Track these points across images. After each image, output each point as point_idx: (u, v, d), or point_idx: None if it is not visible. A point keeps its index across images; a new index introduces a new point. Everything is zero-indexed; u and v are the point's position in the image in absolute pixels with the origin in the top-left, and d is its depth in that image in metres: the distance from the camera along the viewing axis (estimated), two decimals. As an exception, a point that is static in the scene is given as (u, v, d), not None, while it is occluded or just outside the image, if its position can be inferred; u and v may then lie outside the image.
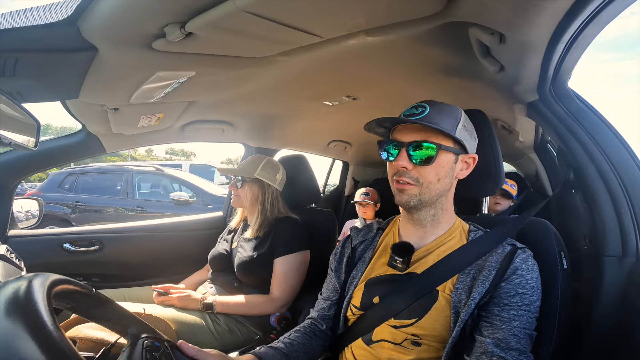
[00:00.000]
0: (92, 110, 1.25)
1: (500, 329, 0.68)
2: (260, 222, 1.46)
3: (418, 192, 0.77)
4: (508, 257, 0.74)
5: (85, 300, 0.52)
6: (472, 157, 0.82)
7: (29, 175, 1.60)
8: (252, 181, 1.50)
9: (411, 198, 0.77)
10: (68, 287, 0.47)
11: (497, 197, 2.00)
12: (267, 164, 1.51)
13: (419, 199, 0.77)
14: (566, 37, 0.76)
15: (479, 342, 0.69)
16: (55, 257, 1.63)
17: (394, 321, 0.77)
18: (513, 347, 0.67)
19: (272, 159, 1.57)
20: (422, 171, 0.76)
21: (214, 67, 1.04)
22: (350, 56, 1.03)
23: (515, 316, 0.69)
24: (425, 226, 0.82)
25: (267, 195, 1.49)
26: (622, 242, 0.83)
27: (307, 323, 0.94)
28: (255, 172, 1.46)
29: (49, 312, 0.38)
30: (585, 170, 0.90)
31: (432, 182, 0.76)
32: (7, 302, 0.37)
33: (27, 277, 0.42)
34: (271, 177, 1.50)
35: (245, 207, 1.54)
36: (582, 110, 0.97)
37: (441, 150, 0.74)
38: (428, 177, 0.76)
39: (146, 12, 0.72)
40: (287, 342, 0.86)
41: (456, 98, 1.32)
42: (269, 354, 0.79)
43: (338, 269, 0.93)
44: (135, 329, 0.59)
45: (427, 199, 0.77)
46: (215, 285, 1.50)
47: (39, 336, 0.35)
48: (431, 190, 0.77)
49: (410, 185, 0.76)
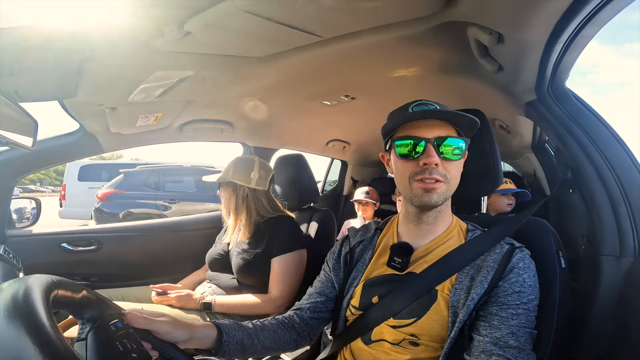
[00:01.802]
0: (89, 109, 1.25)
1: (498, 328, 0.68)
2: (248, 224, 1.45)
3: (446, 189, 0.75)
4: (506, 257, 0.74)
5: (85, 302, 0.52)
6: (466, 154, 0.81)
7: (27, 174, 1.59)
8: (226, 185, 1.48)
9: (440, 197, 0.74)
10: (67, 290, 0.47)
11: (510, 196, 1.99)
12: (239, 164, 1.48)
13: (446, 197, 0.76)
14: (564, 37, 0.77)
15: (477, 341, 0.69)
16: (53, 256, 1.63)
17: (393, 321, 0.77)
18: (512, 345, 0.67)
19: (245, 158, 1.53)
20: (449, 167, 0.74)
21: (213, 67, 1.04)
22: (349, 56, 1.03)
23: (514, 315, 0.69)
24: (429, 224, 0.82)
25: (241, 197, 1.46)
26: (619, 242, 0.83)
27: (288, 314, 0.92)
28: (228, 176, 1.45)
29: (47, 313, 0.38)
30: (583, 169, 0.91)
31: (456, 177, 0.76)
32: (5, 303, 0.37)
33: (26, 279, 0.42)
34: (243, 177, 1.45)
35: (229, 210, 1.51)
36: (580, 110, 0.98)
37: (465, 146, 0.76)
38: (454, 173, 0.75)
39: (145, 11, 0.72)
40: (258, 324, 0.84)
41: (454, 97, 1.32)
42: (232, 326, 0.78)
43: (336, 267, 0.93)
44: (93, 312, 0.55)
45: (449, 195, 0.77)
46: (213, 285, 1.50)
47: (38, 338, 0.35)
48: (453, 187, 0.77)
49: (439, 183, 0.73)
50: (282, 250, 1.39)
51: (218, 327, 0.76)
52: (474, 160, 0.85)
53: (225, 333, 0.76)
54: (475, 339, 0.70)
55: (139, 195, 6.33)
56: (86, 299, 0.53)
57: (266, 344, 0.82)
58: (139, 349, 0.54)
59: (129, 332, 0.56)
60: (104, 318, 0.55)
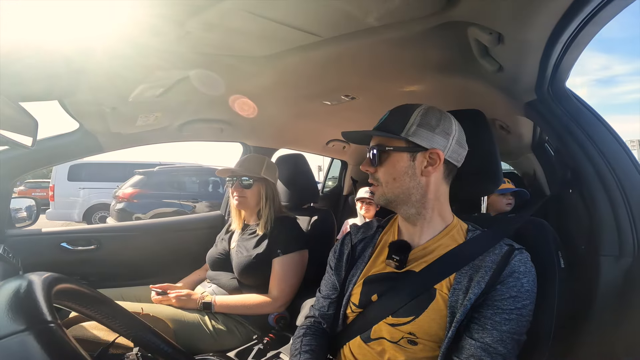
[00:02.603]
0: (90, 109, 1.25)
1: (490, 333, 0.68)
2: (266, 220, 1.46)
3: (382, 192, 0.82)
4: (504, 258, 0.74)
5: (86, 299, 0.52)
6: (436, 153, 0.78)
7: (26, 173, 1.59)
8: (259, 181, 1.50)
9: (379, 198, 0.83)
10: (69, 286, 0.47)
11: (508, 196, 2.00)
12: (269, 162, 1.54)
13: (385, 198, 0.82)
14: (564, 37, 0.77)
15: (468, 344, 0.70)
16: (53, 256, 1.63)
17: (391, 319, 0.77)
18: (500, 352, 0.68)
19: (267, 157, 1.59)
20: (379, 172, 0.82)
21: (213, 66, 1.04)
22: (349, 56, 1.03)
23: (506, 320, 0.69)
24: (415, 224, 0.83)
25: (271, 194, 1.51)
26: (619, 242, 0.83)
27: (310, 323, 0.95)
28: (261, 172, 1.47)
29: (50, 310, 0.38)
30: (583, 170, 0.91)
31: (389, 181, 0.81)
32: (8, 300, 0.37)
33: (27, 276, 0.42)
34: (273, 175, 1.52)
35: (253, 207, 1.53)
36: (580, 110, 0.98)
37: (388, 151, 0.80)
38: (385, 178, 0.81)
39: (145, 11, 0.72)
40: (306, 349, 0.86)
41: (454, 98, 1.32)
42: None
43: (338, 267, 0.94)
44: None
45: (392, 197, 0.81)
46: (213, 285, 1.50)
47: (41, 335, 0.35)
48: (392, 190, 0.81)
49: (376, 187, 0.84)
50: (284, 251, 1.40)
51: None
52: (473, 160, 0.85)
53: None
54: (465, 341, 0.70)
55: (164, 195, 6.41)
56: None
57: (320, 358, 0.86)
58: None
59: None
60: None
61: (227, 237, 1.59)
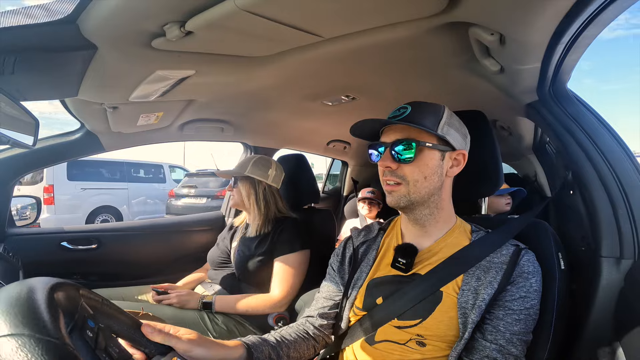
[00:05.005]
0: (91, 108, 1.25)
1: (503, 335, 0.69)
2: (261, 221, 1.46)
3: (407, 192, 0.77)
4: (514, 258, 0.74)
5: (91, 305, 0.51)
6: (462, 154, 0.80)
7: (27, 173, 1.60)
8: (244, 180, 1.50)
9: (400, 199, 0.78)
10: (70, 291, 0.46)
11: (507, 196, 2.00)
12: (258, 161, 1.51)
13: (409, 199, 0.77)
14: (566, 38, 0.77)
15: (481, 345, 0.69)
16: (53, 255, 1.63)
17: (397, 322, 0.77)
18: (513, 353, 0.68)
19: (264, 157, 1.56)
20: (407, 169, 0.76)
21: (214, 66, 1.04)
22: (349, 56, 1.03)
23: (517, 321, 0.69)
24: (424, 226, 0.82)
25: (260, 193, 1.49)
26: (619, 244, 0.83)
27: (301, 322, 0.93)
28: (245, 171, 1.47)
29: (53, 316, 0.37)
30: (584, 171, 0.91)
31: (419, 180, 0.76)
32: (8, 305, 0.36)
33: (28, 281, 0.41)
34: (262, 173, 1.49)
35: (243, 207, 1.54)
36: (581, 112, 0.98)
37: (422, 147, 0.75)
38: (414, 176, 0.76)
39: (146, 10, 0.72)
40: (278, 337, 0.84)
41: (455, 98, 1.32)
42: (257, 343, 0.77)
43: (341, 270, 0.93)
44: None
45: (417, 198, 0.77)
46: (214, 284, 1.50)
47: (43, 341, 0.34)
48: (419, 189, 0.77)
49: (398, 186, 0.77)
50: (285, 251, 1.40)
51: (247, 345, 0.75)
52: (474, 161, 0.85)
53: (255, 350, 0.75)
54: (479, 343, 0.70)
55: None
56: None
57: (290, 354, 0.82)
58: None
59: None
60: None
61: (229, 237, 1.59)
